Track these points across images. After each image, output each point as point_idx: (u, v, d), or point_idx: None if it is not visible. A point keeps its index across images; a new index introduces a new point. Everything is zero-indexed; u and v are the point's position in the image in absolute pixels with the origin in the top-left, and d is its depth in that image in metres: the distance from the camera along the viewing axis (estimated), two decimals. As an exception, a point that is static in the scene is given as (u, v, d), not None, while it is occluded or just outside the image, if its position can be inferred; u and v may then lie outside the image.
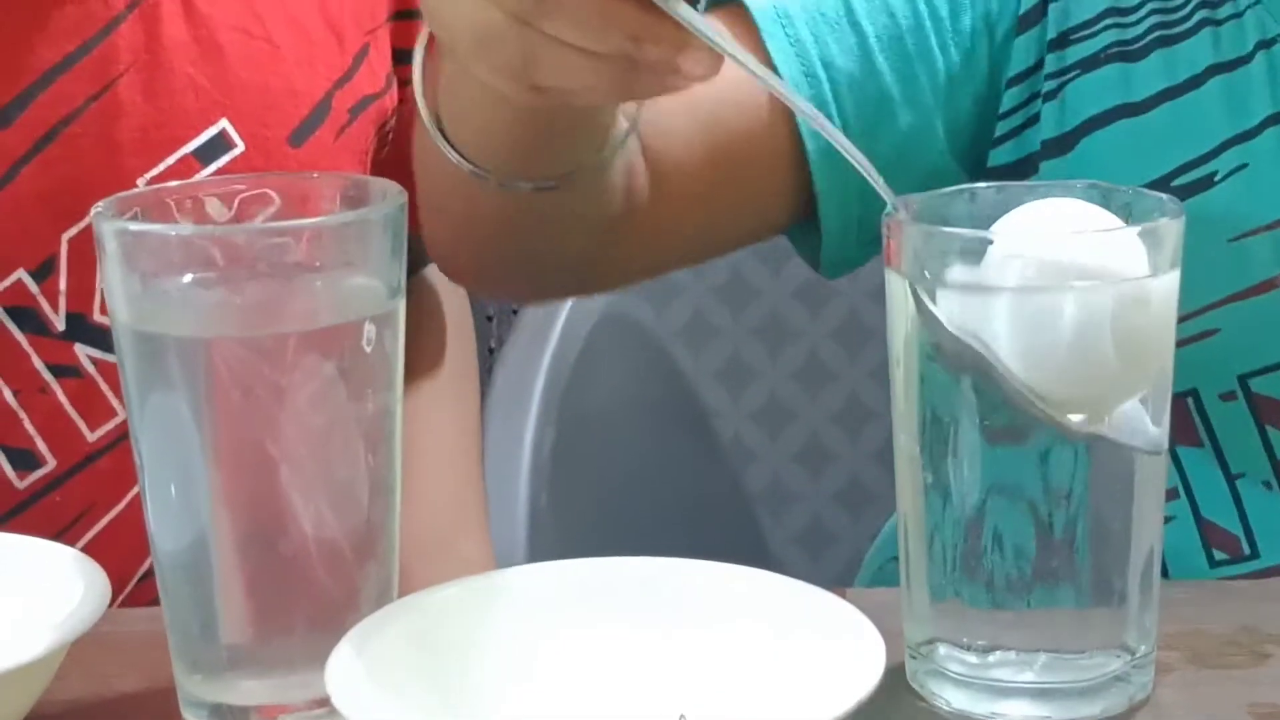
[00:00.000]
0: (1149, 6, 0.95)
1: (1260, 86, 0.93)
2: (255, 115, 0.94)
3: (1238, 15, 0.94)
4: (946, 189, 0.75)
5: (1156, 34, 0.94)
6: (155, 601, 0.71)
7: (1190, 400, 0.96)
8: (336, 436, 0.68)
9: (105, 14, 0.91)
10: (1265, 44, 0.94)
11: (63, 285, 0.89)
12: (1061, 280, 0.66)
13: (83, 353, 0.91)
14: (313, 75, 0.98)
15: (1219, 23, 0.94)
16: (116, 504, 0.92)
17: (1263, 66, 0.94)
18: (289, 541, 0.68)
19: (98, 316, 0.90)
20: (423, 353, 1.17)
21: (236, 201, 0.71)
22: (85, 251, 0.84)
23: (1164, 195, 0.70)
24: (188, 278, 0.67)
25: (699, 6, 0.65)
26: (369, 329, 0.68)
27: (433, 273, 1.24)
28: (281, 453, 0.67)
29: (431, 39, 0.80)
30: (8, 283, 0.90)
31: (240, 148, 0.94)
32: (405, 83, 1.03)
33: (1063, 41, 0.95)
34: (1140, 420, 0.68)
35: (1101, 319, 0.66)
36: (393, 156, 1.04)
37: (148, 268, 0.67)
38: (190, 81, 0.92)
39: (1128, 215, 0.69)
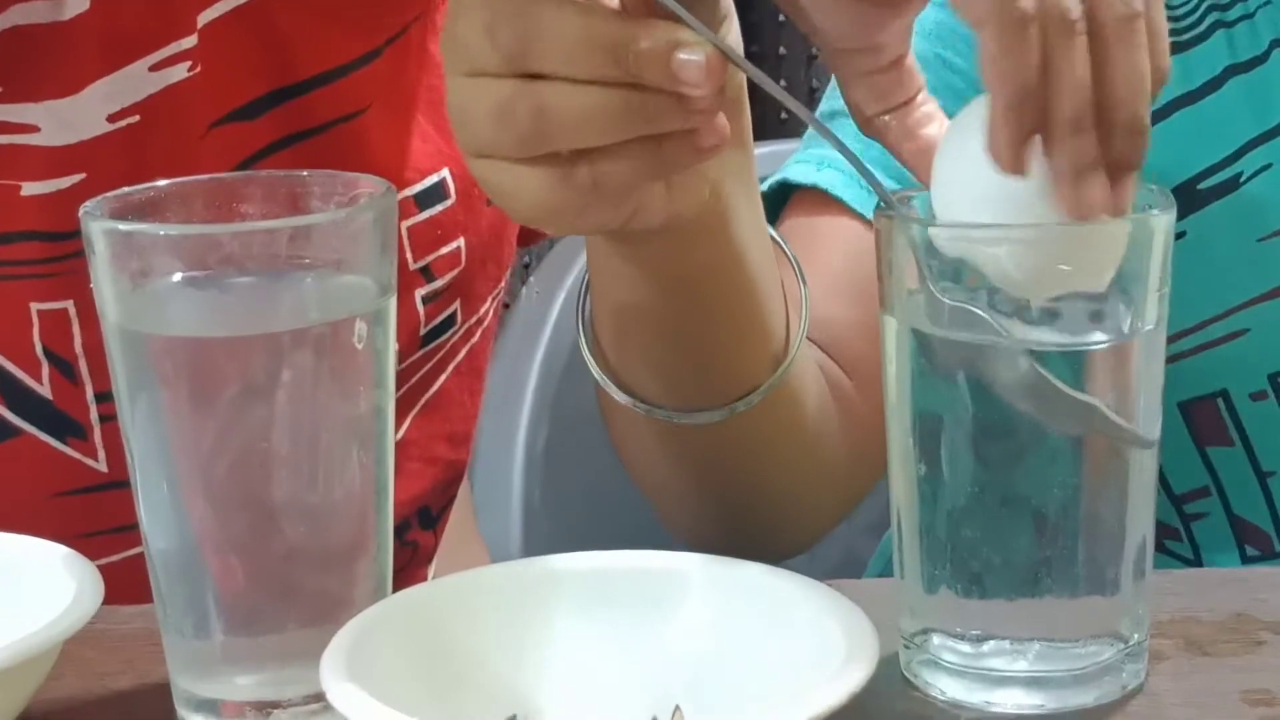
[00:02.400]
0: None
1: (1279, 85, 0.94)
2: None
3: (1249, 16, 0.94)
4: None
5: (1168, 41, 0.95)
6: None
7: (1220, 401, 0.97)
8: (328, 434, 0.68)
9: (365, 45, 0.91)
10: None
11: None
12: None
13: None
14: None
15: (1231, 24, 0.94)
16: None
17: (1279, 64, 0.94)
18: (282, 539, 0.68)
19: None
20: None
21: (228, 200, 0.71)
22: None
23: (1154, 186, 0.70)
24: (177, 277, 0.67)
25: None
26: (359, 327, 0.68)
27: None
28: (273, 451, 0.67)
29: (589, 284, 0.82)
30: None
31: (453, 199, 0.94)
32: None
33: None
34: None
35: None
36: None
37: (136, 267, 0.67)
38: (421, 128, 0.93)
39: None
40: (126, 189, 0.70)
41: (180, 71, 0.87)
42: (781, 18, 1.96)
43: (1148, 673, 0.70)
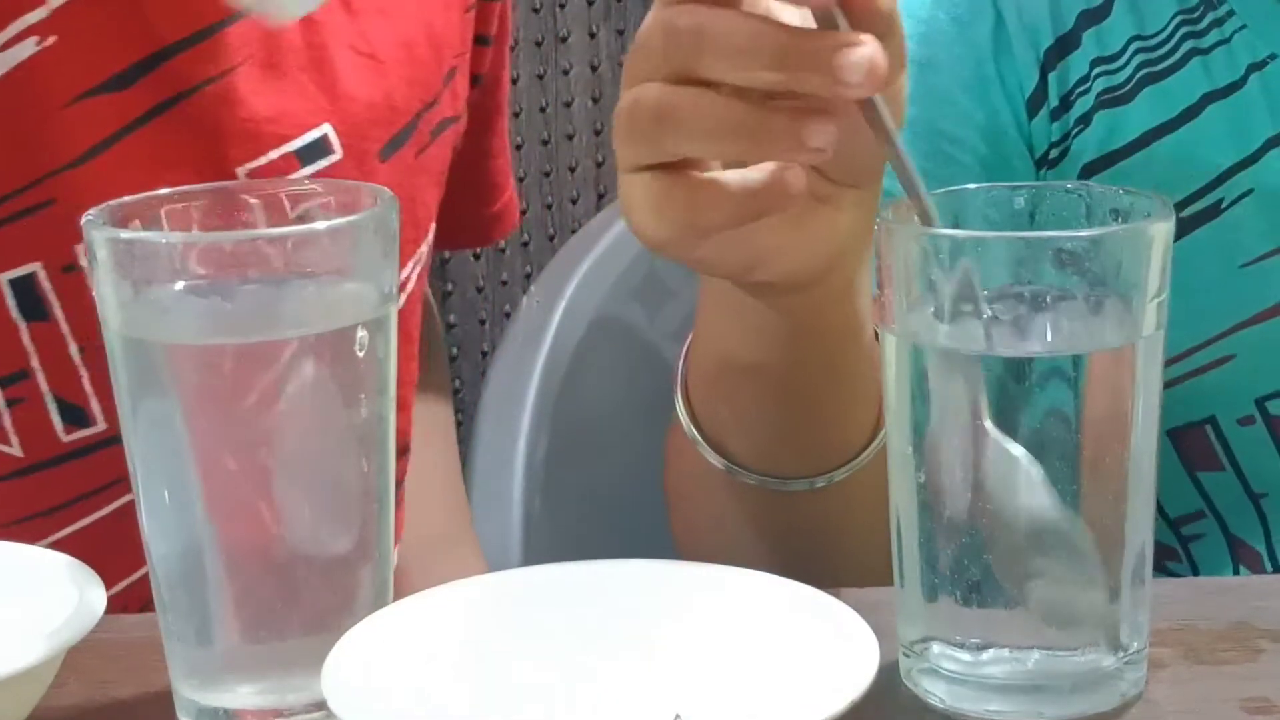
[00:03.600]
0: (1134, 46, 0.95)
1: (1258, 110, 0.94)
2: (357, 127, 0.96)
3: (1225, 41, 0.94)
4: (938, 190, 0.75)
5: (1143, 72, 0.95)
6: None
7: (1209, 427, 0.97)
8: (330, 442, 0.68)
9: (228, 8, 0.92)
10: (1256, 66, 0.94)
11: None
12: None
13: None
14: (411, 94, 0.99)
15: (1207, 51, 0.94)
16: None
17: (1257, 89, 0.94)
18: (283, 547, 0.68)
19: None
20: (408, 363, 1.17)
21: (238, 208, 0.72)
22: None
23: (1151, 194, 0.70)
24: (179, 285, 0.67)
25: None
26: (361, 334, 0.68)
27: (426, 290, 1.25)
28: (274, 459, 0.67)
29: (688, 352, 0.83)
30: None
31: (338, 155, 0.95)
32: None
33: (1065, 106, 0.95)
34: None
35: None
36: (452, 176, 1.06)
37: (139, 275, 0.67)
38: (299, 85, 0.94)
39: (1121, 218, 0.70)
40: (128, 198, 0.70)
41: (29, 47, 0.88)
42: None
43: (1147, 681, 0.71)
